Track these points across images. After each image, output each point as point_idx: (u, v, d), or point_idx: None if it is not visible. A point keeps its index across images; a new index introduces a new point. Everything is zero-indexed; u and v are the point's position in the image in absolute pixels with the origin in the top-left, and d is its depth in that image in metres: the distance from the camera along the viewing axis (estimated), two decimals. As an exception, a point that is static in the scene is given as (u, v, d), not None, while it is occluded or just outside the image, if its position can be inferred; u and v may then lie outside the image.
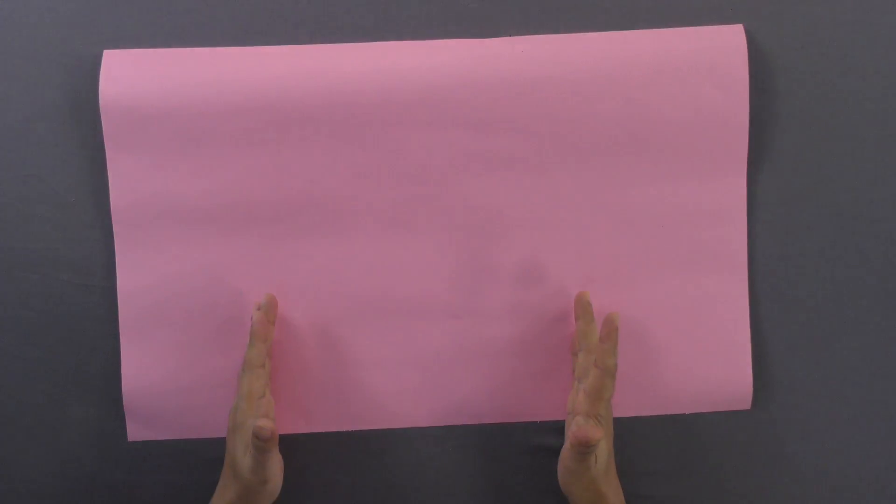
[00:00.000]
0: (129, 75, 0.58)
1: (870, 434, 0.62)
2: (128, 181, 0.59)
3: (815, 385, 0.61)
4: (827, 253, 0.61)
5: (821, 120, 0.60)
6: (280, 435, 0.62)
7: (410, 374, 0.61)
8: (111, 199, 0.59)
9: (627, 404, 0.61)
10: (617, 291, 0.60)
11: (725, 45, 0.58)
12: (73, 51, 0.59)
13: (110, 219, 0.60)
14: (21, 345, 0.61)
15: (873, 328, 0.61)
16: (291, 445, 0.62)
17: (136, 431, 0.61)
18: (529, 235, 0.60)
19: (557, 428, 0.61)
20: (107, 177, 0.60)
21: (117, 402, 0.61)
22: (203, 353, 0.60)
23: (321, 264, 0.60)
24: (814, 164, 0.60)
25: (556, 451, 0.57)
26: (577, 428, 0.51)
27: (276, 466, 0.55)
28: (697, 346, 0.61)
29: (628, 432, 0.60)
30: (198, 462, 0.62)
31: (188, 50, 0.59)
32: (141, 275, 0.60)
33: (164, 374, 0.60)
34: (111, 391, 0.61)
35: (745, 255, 0.60)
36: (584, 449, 0.51)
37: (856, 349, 0.61)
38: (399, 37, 0.59)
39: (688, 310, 0.60)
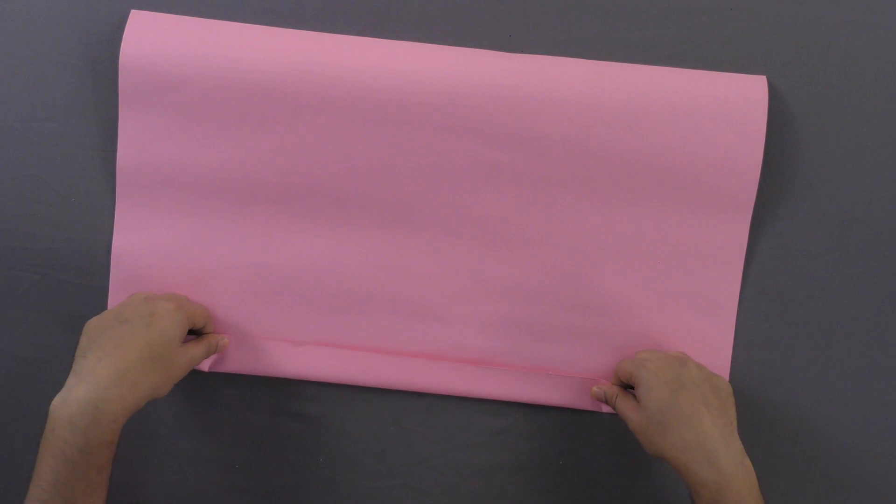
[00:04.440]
0: (152, 38, 0.58)
1: (869, 434, 0.62)
2: (136, 142, 0.59)
3: (814, 385, 0.61)
4: (827, 253, 0.61)
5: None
6: (274, 435, 0.62)
7: (381, 370, 0.61)
8: (118, 157, 0.59)
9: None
10: (604, 319, 0.60)
11: (747, 93, 0.58)
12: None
13: (111, 219, 0.60)
14: (21, 345, 0.61)
15: (873, 328, 0.61)
16: (290, 445, 0.62)
17: None
18: (525, 251, 0.60)
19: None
20: (108, 178, 0.60)
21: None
22: None
23: (315, 250, 0.60)
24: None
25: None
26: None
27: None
28: None
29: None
30: (198, 462, 0.62)
31: (213, 21, 0.59)
32: (137, 236, 0.60)
33: None
34: (111, 391, 0.61)
35: (735, 302, 0.60)
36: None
37: (855, 349, 0.61)
38: (398, 35, 0.60)
39: (671, 349, 0.60)
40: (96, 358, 0.50)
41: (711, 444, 0.50)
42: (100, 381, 0.49)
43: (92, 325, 0.53)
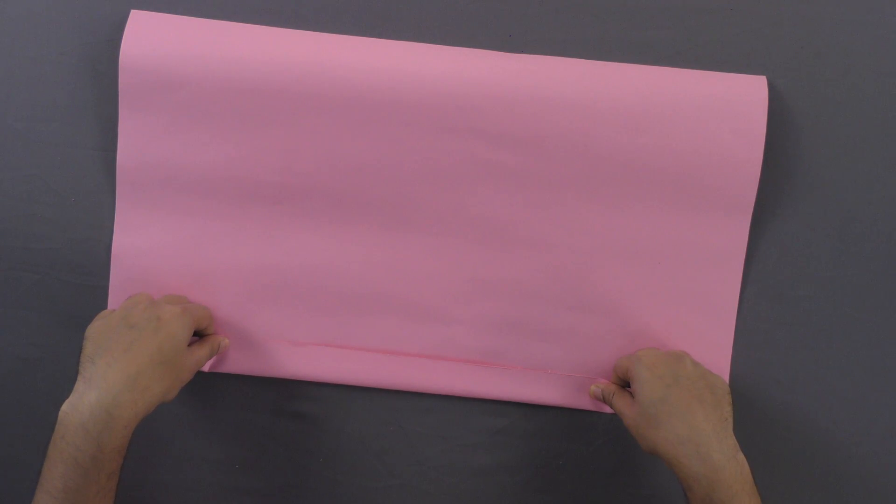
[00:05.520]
0: (152, 38, 0.58)
1: (869, 433, 0.62)
2: (136, 142, 0.59)
3: (814, 385, 0.61)
4: (827, 253, 0.61)
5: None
6: (274, 435, 0.62)
7: (381, 370, 0.61)
8: (118, 157, 0.59)
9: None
10: (604, 319, 0.60)
11: (747, 93, 0.58)
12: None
13: (111, 219, 0.60)
14: (21, 345, 0.61)
15: (873, 328, 0.61)
16: (290, 445, 0.62)
17: None
18: (525, 251, 0.60)
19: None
20: (108, 178, 0.60)
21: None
22: None
23: (315, 250, 0.60)
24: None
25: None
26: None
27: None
28: None
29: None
30: (198, 462, 0.62)
31: (213, 21, 0.59)
32: (137, 236, 0.60)
33: None
34: (111, 391, 0.61)
35: (735, 302, 0.60)
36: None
37: (855, 349, 0.61)
38: (398, 35, 0.59)
39: (671, 348, 0.60)
40: (106, 363, 0.50)
41: (703, 439, 0.50)
42: (111, 387, 0.49)
43: (95, 329, 0.52)
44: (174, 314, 0.54)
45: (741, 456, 0.50)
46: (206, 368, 0.60)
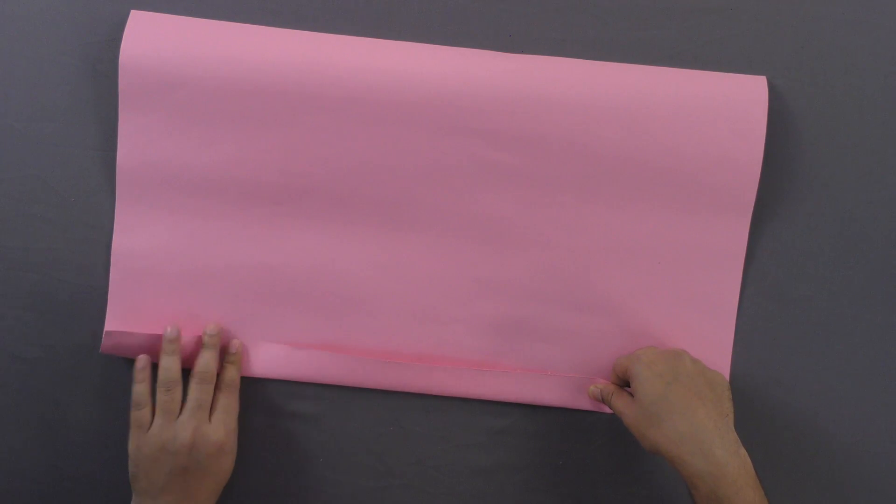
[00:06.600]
0: (152, 38, 0.58)
1: (869, 434, 0.62)
2: (136, 143, 0.59)
3: (814, 385, 0.61)
4: (827, 253, 0.61)
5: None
6: (274, 435, 0.62)
7: (381, 372, 0.61)
8: (118, 157, 0.59)
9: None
10: (604, 319, 0.60)
11: (747, 93, 0.58)
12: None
13: (111, 219, 0.60)
14: (21, 345, 0.61)
15: (873, 328, 0.61)
16: (290, 445, 0.62)
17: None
18: (525, 251, 0.60)
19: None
20: (108, 178, 0.60)
21: (117, 402, 0.61)
22: (184, 327, 0.59)
23: (315, 251, 0.60)
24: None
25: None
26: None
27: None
28: None
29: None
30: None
31: (213, 22, 0.59)
32: (137, 236, 0.60)
33: (142, 341, 0.59)
34: (111, 391, 0.61)
35: (735, 302, 0.60)
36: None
37: (855, 349, 0.61)
38: (398, 35, 0.60)
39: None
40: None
41: (705, 436, 0.50)
42: None
43: (144, 459, 0.55)
44: (218, 448, 0.56)
45: (743, 451, 0.51)
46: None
